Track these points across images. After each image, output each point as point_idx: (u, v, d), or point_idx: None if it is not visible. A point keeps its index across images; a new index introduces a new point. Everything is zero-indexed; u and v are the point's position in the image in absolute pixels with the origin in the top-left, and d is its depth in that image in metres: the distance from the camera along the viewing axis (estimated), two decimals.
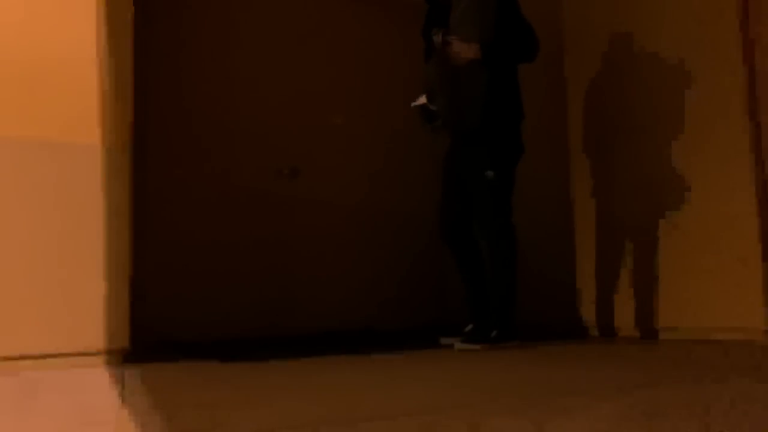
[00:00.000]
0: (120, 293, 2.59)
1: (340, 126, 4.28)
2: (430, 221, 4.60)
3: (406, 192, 4.48)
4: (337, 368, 2.26)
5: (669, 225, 3.21)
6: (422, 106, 3.24)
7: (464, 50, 2.99)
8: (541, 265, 3.66)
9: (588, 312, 3.61)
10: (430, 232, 4.57)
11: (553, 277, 3.72)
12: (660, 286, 3.24)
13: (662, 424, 1.25)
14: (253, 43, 4.09)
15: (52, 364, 2.40)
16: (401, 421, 1.34)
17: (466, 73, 3.01)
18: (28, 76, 2.52)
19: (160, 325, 3.42)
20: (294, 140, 4.14)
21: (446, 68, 3.07)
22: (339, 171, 4.27)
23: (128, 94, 2.73)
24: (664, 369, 2.24)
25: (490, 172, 2.97)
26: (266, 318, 3.81)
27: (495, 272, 2.98)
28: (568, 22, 3.83)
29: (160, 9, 3.74)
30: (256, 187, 3.99)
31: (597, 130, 3.63)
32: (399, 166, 4.48)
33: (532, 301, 3.83)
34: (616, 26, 3.54)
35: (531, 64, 3.13)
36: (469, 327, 3.06)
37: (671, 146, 3.21)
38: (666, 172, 3.23)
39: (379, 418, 1.37)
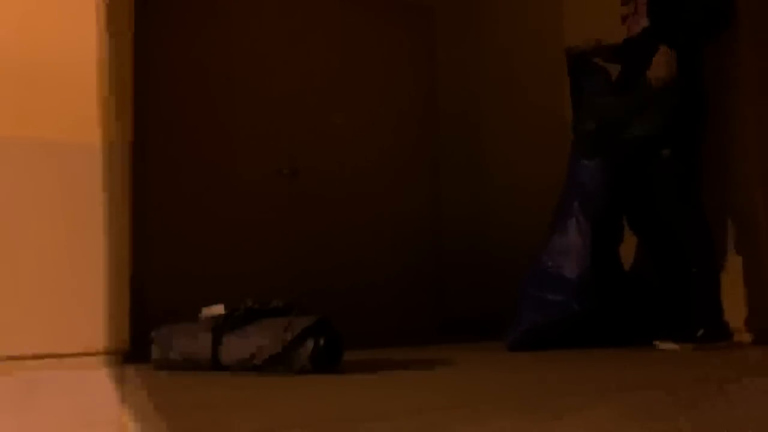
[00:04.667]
0: (120, 293, 2.58)
1: (341, 126, 4.27)
2: (430, 221, 4.61)
3: (406, 192, 4.47)
4: (337, 368, 2.25)
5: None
6: None
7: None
8: None
9: None
10: (430, 232, 4.58)
11: None
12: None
13: (661, 424, 1.25)
14: (254, 42, 4.08)
15: (52, 364, 2.40)
16: (401, 421, 1.34)
17: None
18: (28, 76, 2.52)
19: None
20: (294, 140, 4.13)
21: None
22: (339, 171, 4.26)
23: (128, 94, 2.73)
24: (664, 369, 2.24)
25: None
26: None
27: None
28: (568, 24, 3.83)
29: (160, 9, 3.74)
30: (256, 187, 3.98)
31: None
32: (400, 166, 4.48)
33: None
34: (613, 26, 3.53)
35: (533, 66, 3.12)
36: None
37: None
38: None
39: (379, 418, 1.37)
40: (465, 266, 4.44)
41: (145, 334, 2.45)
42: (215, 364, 2.26)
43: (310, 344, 2.12)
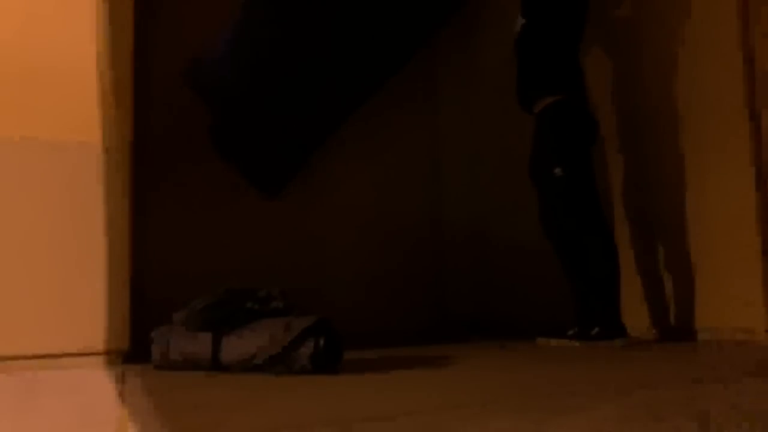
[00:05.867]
0: (120, 293, 2.58)
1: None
2: (431, 222, 4.61)
3: (406, 192, 4.47)
4: (337, 368, 2.25)
5: (668, 225, 3.21)
6: None
7: None
8: (543, 265, 3.66)
9: None
10: (430, 233, 4.58)
11: (555, 276, 3.71)
12: (659, 287, 3.24)
13: (662, 424, 1.24)
14: None
15: (52, 364, 2.40)
16: (401, 421, 1.34)
17: None
18: (28, 76, 2.52)
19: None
20: None
21: None
22: (338, 170, 4.26)
23: (128, 94, 2.73)
24: (664, 369, 2.24)
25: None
26: None
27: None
28: None
29: (161, 9, 3.74)
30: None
31: None
32: (399, 166, 4.48)
33: (533, 300, 3.83)
34: (613, 27, 3.54)
35: None
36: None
37: (669, 145, 3.21)
38: (664, 172, 3.23)
39: (379, 419, 1.37)
40: (465, 266, 4.44)
41: (145, 334, 2.45)
42: (215, 364, 2.26)
43: (310, 344, 2.12)
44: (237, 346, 2.24)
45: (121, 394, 1.91)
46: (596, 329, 2.91)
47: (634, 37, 3.46)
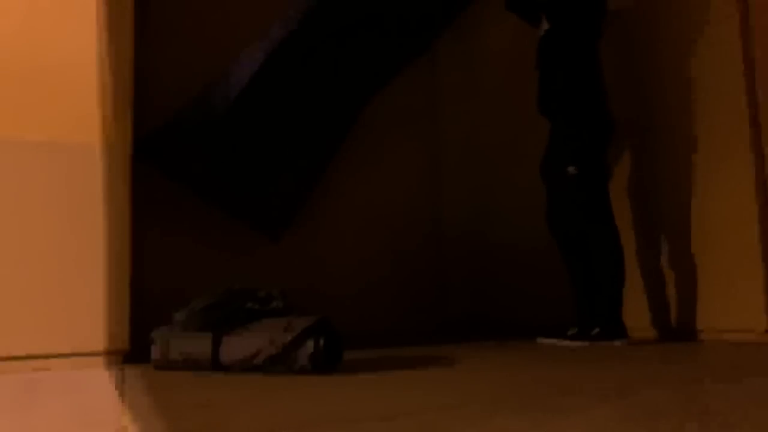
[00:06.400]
0: (120, 293, 2.58)
1: None
2: (431, 222, 4.61)
3: (407, 192, 4.47)
4: (337, 368, 2.25)
5: (668, 225, 3.21)
6: None
7: None
8: (542, 265, 3.66)
9: None
10: (431, 233, 4.58)
11: (555, 276, 3.72)
12: (659, 287, 3.24)
13: (662, 424, 1.25)
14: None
15: (52, 364, 2.41)
16: (401, 421, 1.34)
17: None
18: (28, 76, 2.52)
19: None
20: None
21: None
22: (339, 170, 4.26)
23: (128, 95, 2.72)
24: (664, 369, 2.24)
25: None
26: None
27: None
28: None
29: (161, 9, 3.74)
30: None
31: None
32: (400, 167, 4.47)
33: (533, 300, 3.83)
34: (614, 28, 3.54)
35: (528, 65, 3.14)
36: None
37: (670, 146, 3.21)
38: (665, 172, 3.23)
39: (379, 418, 1.37)
40: (465, 266, 4.44)
41: (145, 334, 2.45)
42: (215, 364, 2.26)
43: (310, 344, 2.12)
44: (237, 346, 2.24)
45: (121, 394, 1.91)
46: (596, 329, 2.92)
47: (635, 39, 3.46)
